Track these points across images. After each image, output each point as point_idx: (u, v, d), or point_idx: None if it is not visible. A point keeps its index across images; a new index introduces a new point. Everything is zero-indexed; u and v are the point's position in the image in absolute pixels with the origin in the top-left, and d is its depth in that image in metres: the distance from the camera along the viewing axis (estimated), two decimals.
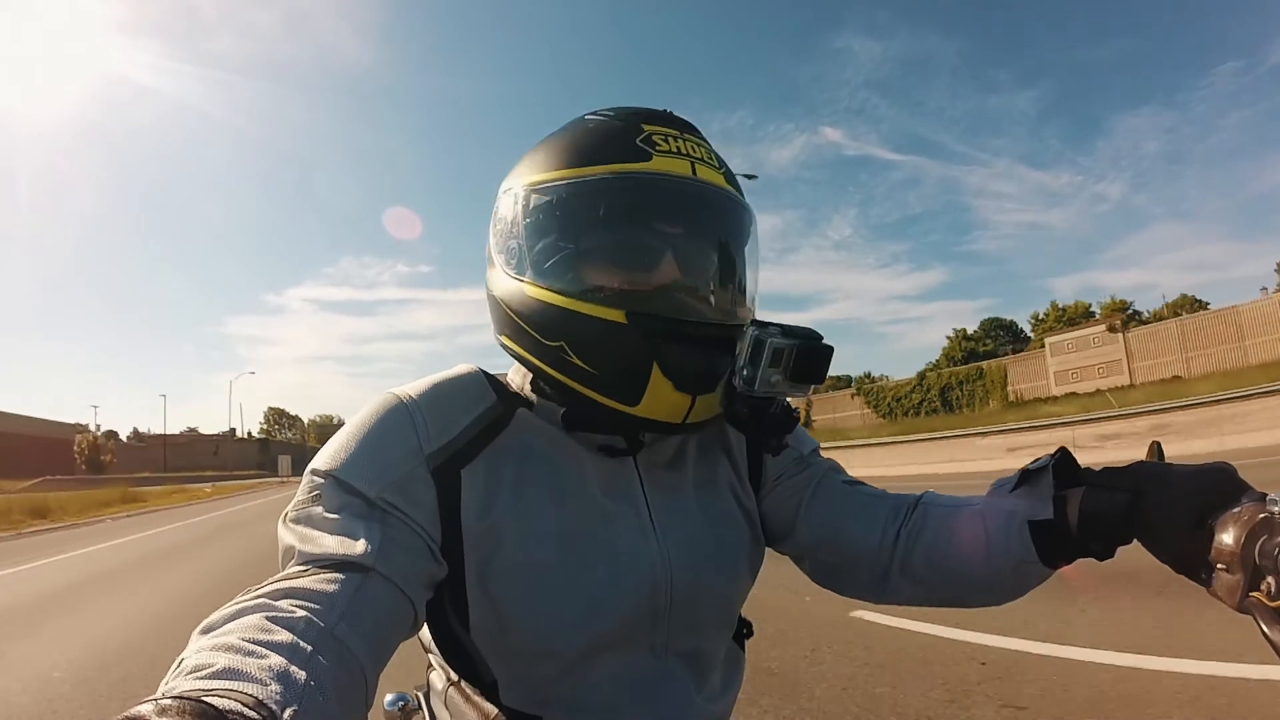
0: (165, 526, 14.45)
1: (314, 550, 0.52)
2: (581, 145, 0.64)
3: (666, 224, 0.63)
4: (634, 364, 0.60)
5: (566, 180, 0.63)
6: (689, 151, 0.64)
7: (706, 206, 0.65)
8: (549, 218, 0.63)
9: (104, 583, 7.01)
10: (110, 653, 4.11)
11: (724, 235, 0.67)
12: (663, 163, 0.62)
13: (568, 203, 0.63)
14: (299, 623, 0.44)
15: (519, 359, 0.66)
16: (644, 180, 0.61)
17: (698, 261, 0.65)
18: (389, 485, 0.57)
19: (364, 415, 0.61)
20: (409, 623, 0.55)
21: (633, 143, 0.62)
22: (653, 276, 0.62)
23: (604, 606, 0.62)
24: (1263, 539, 0.47)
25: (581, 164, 0.62)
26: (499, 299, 0.67)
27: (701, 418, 0.63)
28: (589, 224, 0.63)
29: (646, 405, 0.60)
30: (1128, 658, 2.79)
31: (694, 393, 0.60)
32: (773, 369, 0.58)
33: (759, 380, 0.58)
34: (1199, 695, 2.37)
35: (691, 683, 0.68)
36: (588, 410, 0.63)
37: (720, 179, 0.65)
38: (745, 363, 0.58)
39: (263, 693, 0.36)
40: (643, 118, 0.65)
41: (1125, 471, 0.57)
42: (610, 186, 0.62)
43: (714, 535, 0.69)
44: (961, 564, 0.66)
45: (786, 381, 0.58)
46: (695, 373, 0.60)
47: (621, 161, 0.62)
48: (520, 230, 0.65)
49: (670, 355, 0.59)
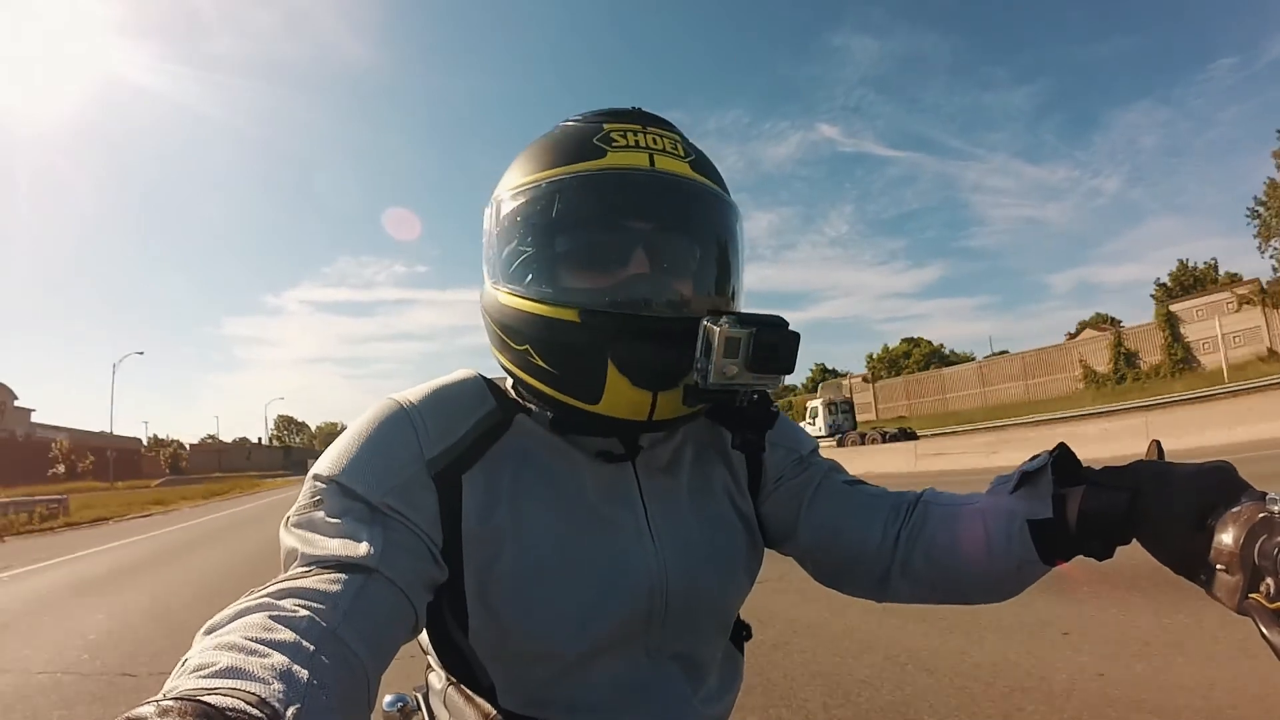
0: (265, 500, 26.72)
1: (317, 552, 0.52)
2: (547, 151, 0.65)
3: (620, 218, 0.63)
4: (590, 362, 0.59)
5: (527, 185, 0.64)
6: (649, 144, 0.63)
7: (662, 197, 0.64)
8: (512, 224, 0.65)
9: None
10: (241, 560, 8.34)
11: (685, 225, 0.65)
12: (617, 158, 0.62)
13: (525, 208, 0.64)
14: (301, 622, 0.44)
15: (501, 367, 0.67)
16: (595, 177, 0.62)
17: (657, 255, 0.63)
18: (391, 490, 0.57)
19: (366, 421, 0.61)
20: (410, 625, 0.55)
21: (590, 142, 0.63)
22: (610, 274, 0.62)
23: (601, 610, 0.62)
24: (1262, 539, 0.46)
25: (543, 168, 0.64)
26: (484, 309, 0.68)
27: (671, 415, 0.62)
28: (544, 226, 0.63)
29: (607, 403, 0.60)
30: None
31: (653, 389, 0.59)
32: (728, 359, 0.56)
33: (712, 372, 0.56)
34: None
35: (688, 685, 0.68)
36: (570, 414, 0.63)
37: (684, 167, 0.64)
38: (699, 355, 0.57)
39: (265, 691, 0.36)
40: (607, 117, 0.65)
41: (1125, 471, 0.56)
42: (563, 187, 0.62)
43: (710, 540, 0.69)
44: (962, 563, 0.66)
45: (746, 372, 0.56)
46: (651, 368, 0.59)
47: (576, 162, 0.62)
48: (493, 239, 0.67)
49: (624, 351, 0.58)
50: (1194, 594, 0.54)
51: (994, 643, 3.15)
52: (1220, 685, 2.42)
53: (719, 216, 0.67)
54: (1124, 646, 2.93)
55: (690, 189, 0.64)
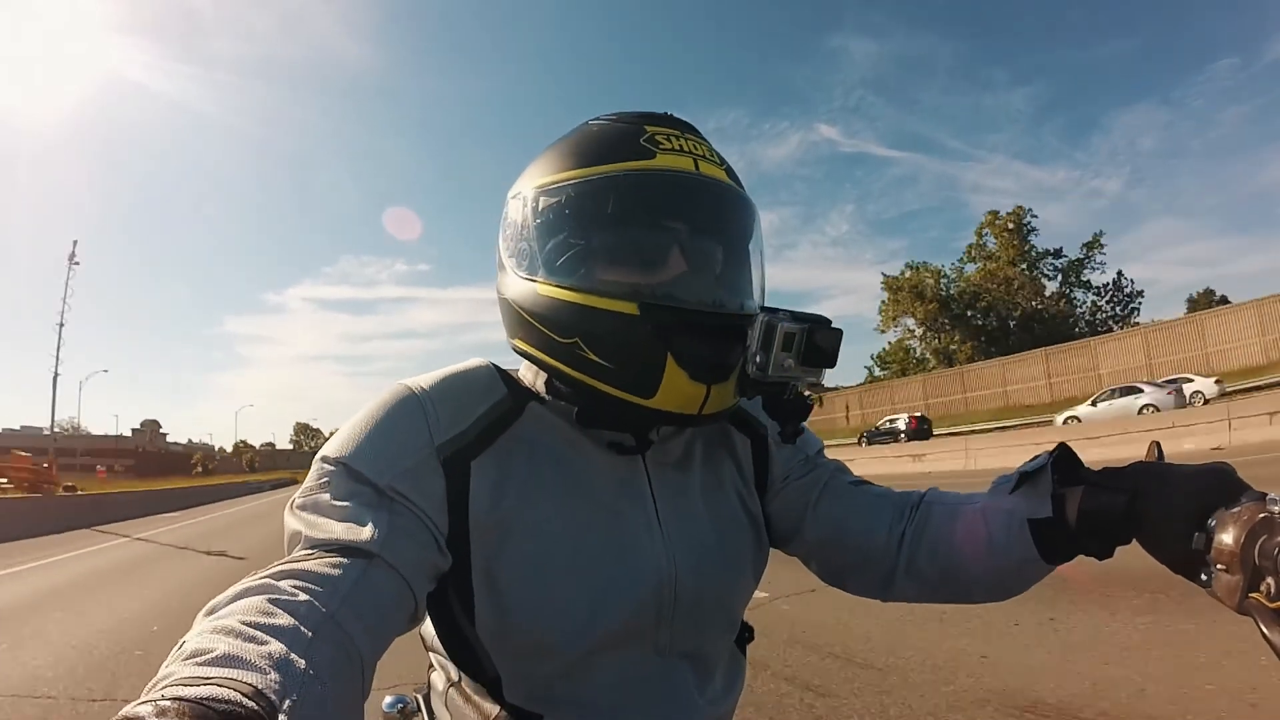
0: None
1: (320, 535, 0.53)
2: (588, 148, 0.66)
3: (673, 219, 0.65)
4: (648, 355, 0.60)
5: (575, 180, 0.64)
6: (691, 149, 0.65)
7: (711, 200, 0.66)
8: (559, 217, 0.65)
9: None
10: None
11: (729, 228, 0.68)
12: (667, 160, 0.64)
13: (577, 201, 0.64)
14: (300, 606, 0.45)
15: (533, 360, 0.66)
16: (650, 176, 0.63)
17: (705, 254, 0.66)
18: (399, 475, 0.57)
19: (375, 405, 0.62)
20: (410, 613, 0.55)
21: (637, 142, 0.64)
22: (662, 270, 0.64)
23: (609, 603, 0.62)
24: (1263, 539, 0.46)
25: (589, 164, 0.64)
26: (511, 301, 0.67)
27: (717, 409, 0.63)
28: (598, 220, 0.64)
29: (662, 397, 0.61)
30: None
31: (708, 382, 0.61)
32: (785, 353, 0.59)
33: (772, 365, 0.59)
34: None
35: (694, 683, 0.68)
36: (602, 407, 0.64)
37: (722, 174, 0.67)
38: (758, 349, 0.59)
39: (262, 681, 0.36)
40: (645, 120, 0.67)
41: (1124, 471, 0.57)
42: (618, 183, 0.63)
43: (719, 537, 0.70)
44: (964, 563, 0.66)
45: (799, 366, 0.59)
46: (709, 362, 0.61)
47: (628, 160, 0.63)
48: (530, 232, 0.66)
49: (683, 345, 0.60)
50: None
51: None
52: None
53: (753, 221, 0.70)
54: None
55: (731, 194, 0.67)
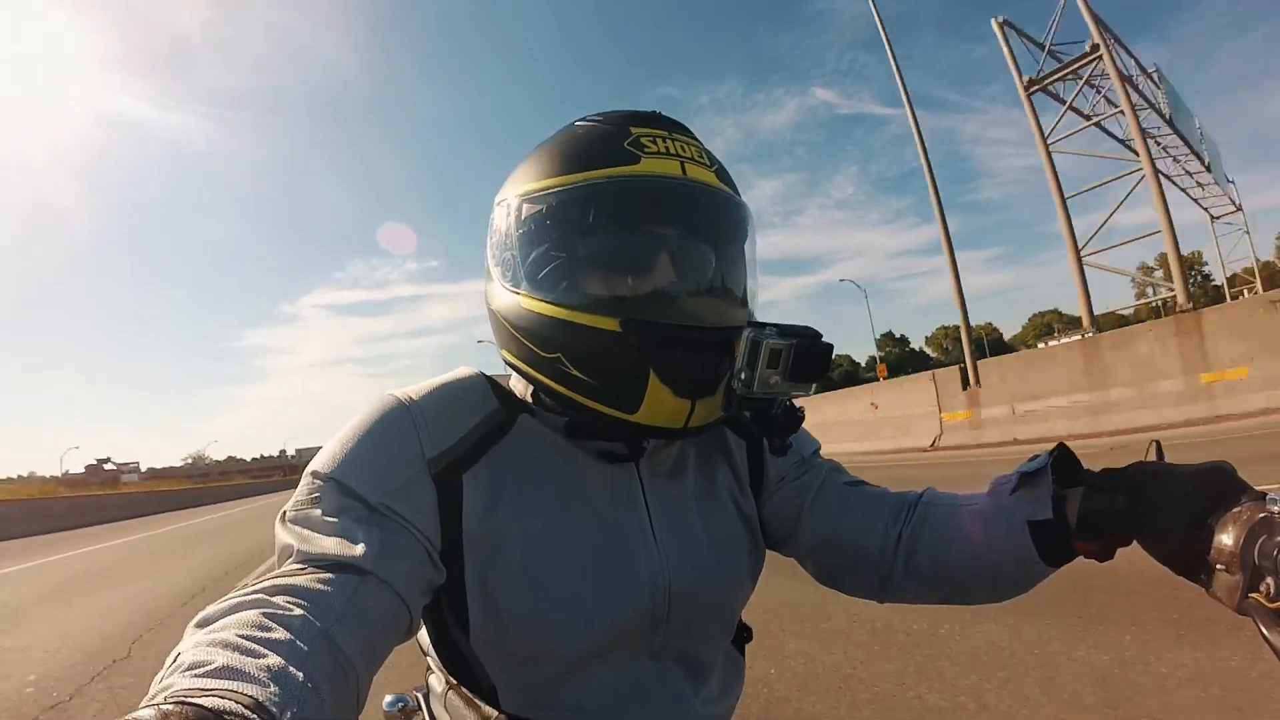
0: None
1: (312, 550, 0.52)
2: (570, 152, 0.63)
3: (658, 226, 0.62)
4: (631, 372, 0.59)
5: (556, 188, 0.62)
6: (678, 151, 0.63)
7: (698, 206, 0.64)
8: (540, 227, 0.62)
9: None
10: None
11: (718, 235, 0.66)
12: (651, 164, 0.61)
13: (557, 211, 0.62)
14: (295, 621, 0.44)
15: (520, 372, 0.65)
16: (633, 183, 0.61)
17: (692, 263, 0.64)
18: (390, 490, 0.56)
19: (365, 417, 0.60)
20: (404, 628, 0.55)
21: (620, 146, 0.62)
22: (647, 281, 0.62)
23: (604, 612, 0.62)
24: (1262, 539, 0.47)
25: (570, 170, 0.62)
26: (497, 312, 0.66)
27: (703, 422, 0.62)
28: (580, 231, 0.61)
29: (646, 412, 0.59)
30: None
31: (693, 398, 0.60)
32: (770, 370, 0.57)
33: (757, 382, 0.57)
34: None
35: (690, 687, 0.68)
36: (590, 420, 0.62)
37: (712, 177, 0.64)
38: (743, 365, 0.58)
39: (262, 694, 0.35)
40: (630, 120, 0.64)
41: (1124, 472, 0.57)
42: (599, 192, 0.61)
43: (714, 543, 0.69)
44: (963, 563, 0.66)
45: (785, 381, 0.58)
46: (693, 378, 0.59)
47: (609, 166, 0.61)
48: (514, 242, 0.64)
49: (667, 361, 0.58)
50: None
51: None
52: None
53: (745, 226, 0.68)
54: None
55: (721, 199, 0.65)
